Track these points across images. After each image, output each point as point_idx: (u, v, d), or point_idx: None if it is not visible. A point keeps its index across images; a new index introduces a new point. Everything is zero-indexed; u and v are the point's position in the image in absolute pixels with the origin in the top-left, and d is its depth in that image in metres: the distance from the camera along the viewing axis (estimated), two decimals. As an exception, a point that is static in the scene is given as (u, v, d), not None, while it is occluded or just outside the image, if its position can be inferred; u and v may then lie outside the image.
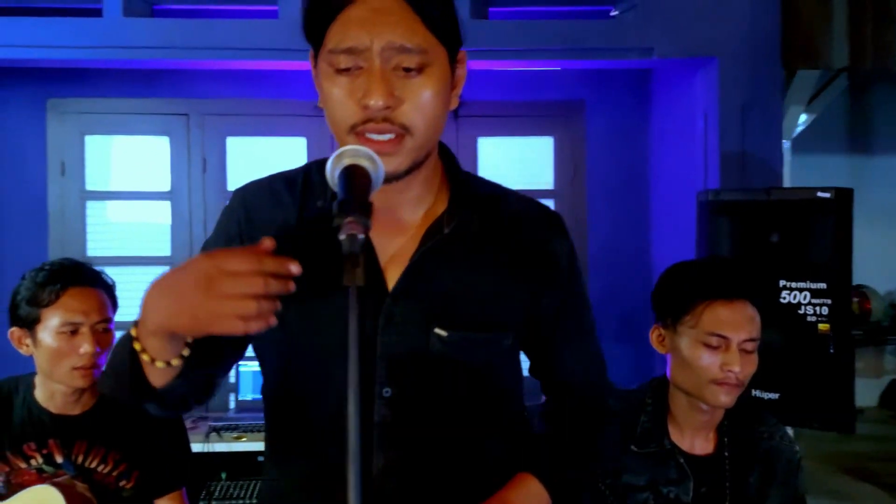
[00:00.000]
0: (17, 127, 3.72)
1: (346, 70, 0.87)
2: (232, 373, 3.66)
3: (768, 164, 3.14)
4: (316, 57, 0.93)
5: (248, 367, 3.58)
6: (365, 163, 0.81)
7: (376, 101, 0.85)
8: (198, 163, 3.73)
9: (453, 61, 0.95)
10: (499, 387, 1.04)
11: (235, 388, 3.60)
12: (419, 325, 0.97)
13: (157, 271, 3.61)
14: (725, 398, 1.34)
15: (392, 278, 0.97)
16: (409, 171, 0.92)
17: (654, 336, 1.45)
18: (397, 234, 1.00)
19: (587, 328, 1.13)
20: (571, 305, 1.09)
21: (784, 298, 2.66)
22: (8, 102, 3.71)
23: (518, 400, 1.11)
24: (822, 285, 2.60)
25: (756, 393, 2.64)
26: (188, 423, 3.19)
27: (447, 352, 0.97)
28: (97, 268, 1.75)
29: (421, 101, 0.89)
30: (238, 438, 3.20)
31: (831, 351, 2.57)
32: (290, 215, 0.99)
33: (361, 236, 0.70)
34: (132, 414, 1.65)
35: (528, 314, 1.03)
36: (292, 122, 3.74)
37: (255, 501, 3.26)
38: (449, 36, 0.92)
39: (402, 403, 0.96)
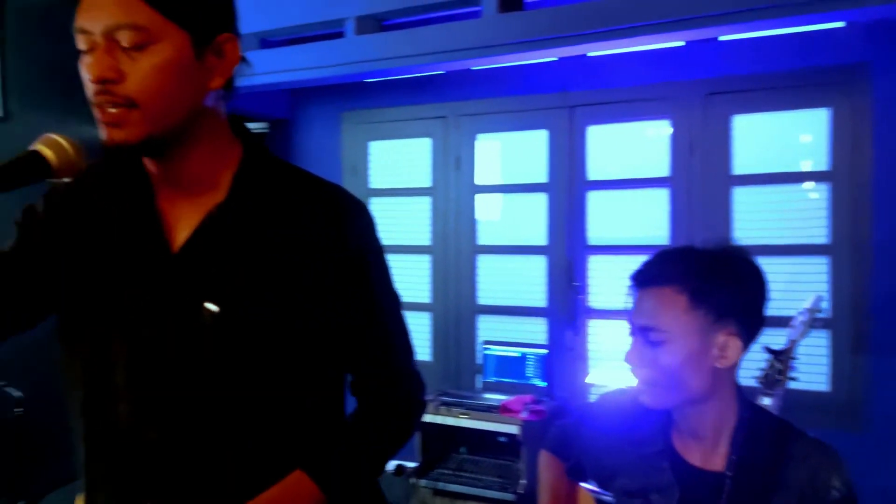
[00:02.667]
0: (319, 136, 4.49)
1: (86, 51, 0.95)
2: (479, 355, 3.91)
3: None
4: None
5: (493, 352, 3.79)
6: (42, 147, 0.90)
7: (92, 76, 0.93)
8: (452, 161, 4.06)
9: (202, 44, 0.98)
10: (273, 370, 1.03)
11: (481, 370, 3.84)
12: (193, 304, 1.00)
13: (422, 259, 4.11)
14: (643, 397, 1.23)
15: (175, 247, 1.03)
16: (147, 142, 0.96)
17: None
18: (184, 216, 1.05)
19: (381, 314, 1.11)
20: (364, 301, 1.08)
21: None
22: (313, 116, 4.50)
23: (312, 400, 1.09)
24: None
25: None
26: (430, 397, 3.53)
27: (216, 331, 1.00)
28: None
29: (142, 76, 0.93)
30: (466, 415, 3.42)
31: None
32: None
33: None
34: None
35: (296, 297, 1.03)
36: (534, 116, 3.84)
37: (486, 476, 3.46)
38: (189, 20, 0.96)
39: (177, 376, 1.01)
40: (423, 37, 3.03)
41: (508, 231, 4.03)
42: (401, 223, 4.26)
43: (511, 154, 4.04)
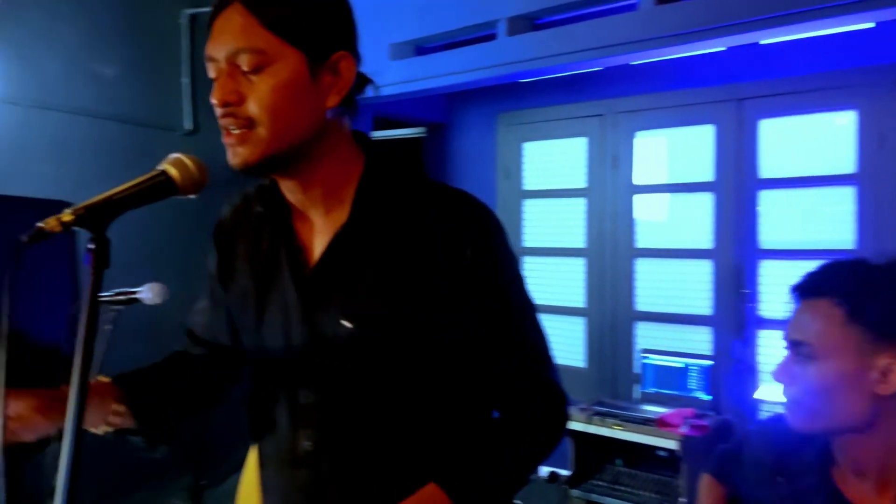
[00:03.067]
0: (475, 139, 4.50)
1: (214, 78, 0.99)
2: (636, 364, 3.74)
3: None
4: None
5: (652, 361, 3.61)
6: (168, 167, 0.91)
7: (216, 100, 0.97)
8: (609, 160, 3.91)
9: (317, 63, 0.99)
10: (405, 381, 1.05)
11: (639, 380, 3.66)
12: (331, 321, 1.04)
13: (576, 262, 4.00)
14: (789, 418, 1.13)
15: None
16: (267, 161, 0.99)
17: None
18: (318, 234, 1.08)
19: (512, 323, 1.07)
20: (494, 315, 1.04)
21: None
22: (469, 119, 4.52)
23: (448, 408, 1.08)
24: None
25: None
26: (584, 405, 3.43)
27: (351, 345, 1.03)
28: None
29: (261, 97, 0.96)
30: (621, 427, 3.28)
31: None
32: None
33: (47, 227, 0.79)
34: None
35: (424, 311, 1.03)
36: (700, 111, 3.60)
37: (642, 492, 3.30)
38: (303, 39, 0.97)
39: (323, 390, 1.06)
40: (579, 33, 2.93)
41: (670, 233, 3.81)
42: (555, 225, 4.17)
43: (673, 152, 3.82)
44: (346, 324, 1.03)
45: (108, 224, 0.82)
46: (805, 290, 1.14)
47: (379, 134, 4.59)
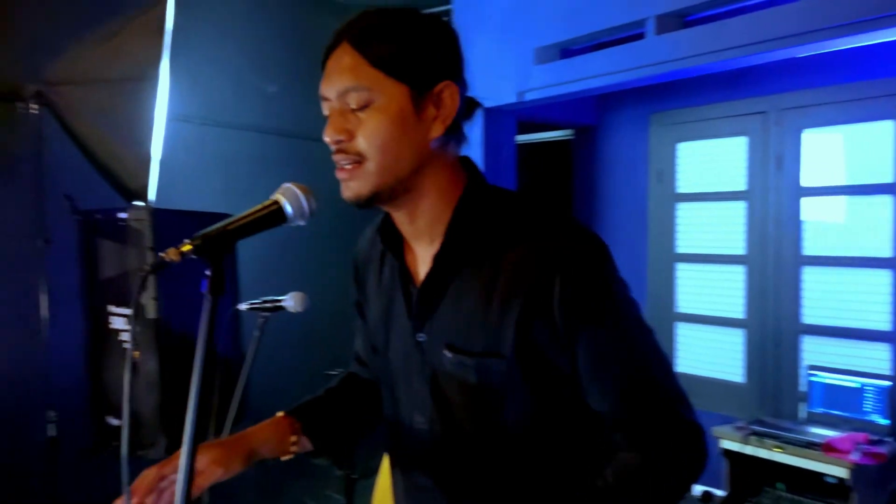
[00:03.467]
0: (626, 140, 4.35)
1: (327, 117, 1.03)
2: (802, 382, 3.45)
3: None
4: None
5: (821, 379, 3.31)
6: (280, 197, 0.95)
7: (329, 138, 1.01)
8: (772, 160, 3.63)
9: (424, 91, 1.00)
10: (508, 413, 1.05)
11: (806, 398, 3.37)
12: (436, 347, 1.07)
13: (734, 269, 3.75)
14: None
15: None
16: (376, 195, 1.02)
17: None
18: (422, 263, 1.11)
19: (619, 362, 1.02)
20: (589, 351, 1.01)
21: None
22: (620, 120, 4.38)
23: (549, 435, 1.07)
24: None
25: None
26: (741, 424, 3.23)
27: (453, 370, 1.05)
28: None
29: (368, 133, 0.99)
30: (780, 449, 3.03)
31: None
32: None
33: (167, 257, 0.85)
34: None
35: (517, 348, 1.01)
36: (877, 105, 3.25)
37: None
38: (406, 73, 0.99)
39: (433, 417, 1.10)
40: (734, 28, 2.74)
41: (843, 240, 3.47)
42: (711, 230, 3.94)
43: (847, 150, 3.48)
44: (448, 353, 1.06)
45: (225, 253, 0.88)
46: None
47: (524, 138, 4.56)
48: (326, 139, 1.01)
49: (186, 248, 0.85)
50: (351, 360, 1.37)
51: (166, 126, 2.60)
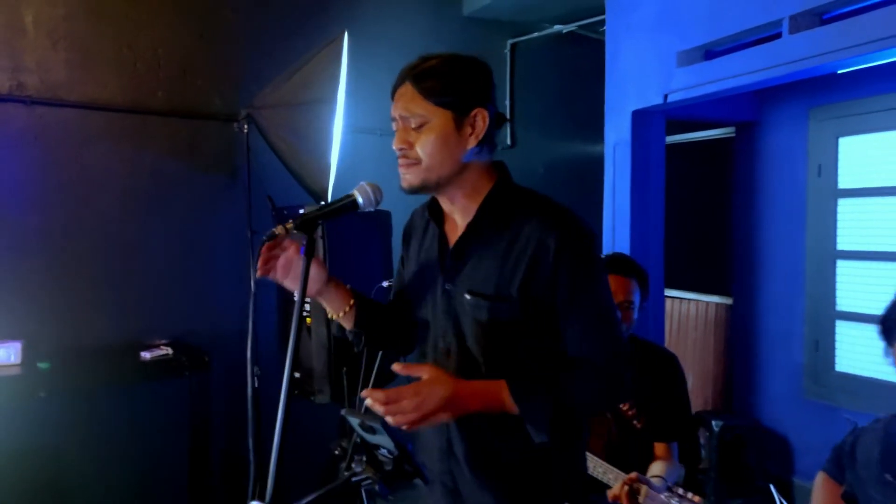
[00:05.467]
0: (786, 136, 4.31)
1: (395, 131, 1.45)
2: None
3: None
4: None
5: None
6: (356, 193, 1.38)
7: (396, 147, 1.43)
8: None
9: (463, 115, 1.40)
10: (508, 340, 1.41)
11: (969, 402, 3.21)
12: (459, 293, 1.47)
13: (899, 266, 3.62)
14: None
15: None
16: (423, 186, 1.43)
17: None
18: (457, 233, 1.51)
19: (589, 313, 1.38)
20: (567, 292, 1.37)
21: None
22: (779, 116, 4.34)
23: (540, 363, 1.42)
24: None
25: None
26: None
27: (470, 310, 1.44)
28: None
29: (422, 145, 1.41)
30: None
31: None
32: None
33: (277, 231, 1.34)
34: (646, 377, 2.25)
35: (521, 292, 1.38)
36: None
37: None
38: (451, 103, 1.39)
39: (453, 341, 1.48)
40: (867, 24, 2.75)
41: None
42: (876, 226, 3.82)
43: None
44: (468, 296, 1.44)
45: (315, 228, 1.35)
46: None
47: (679, 137, 4.67)
48: (394, 147, 1.44)
49: (289, 225, 1.32)
50: (390, 297, 1.75)
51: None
